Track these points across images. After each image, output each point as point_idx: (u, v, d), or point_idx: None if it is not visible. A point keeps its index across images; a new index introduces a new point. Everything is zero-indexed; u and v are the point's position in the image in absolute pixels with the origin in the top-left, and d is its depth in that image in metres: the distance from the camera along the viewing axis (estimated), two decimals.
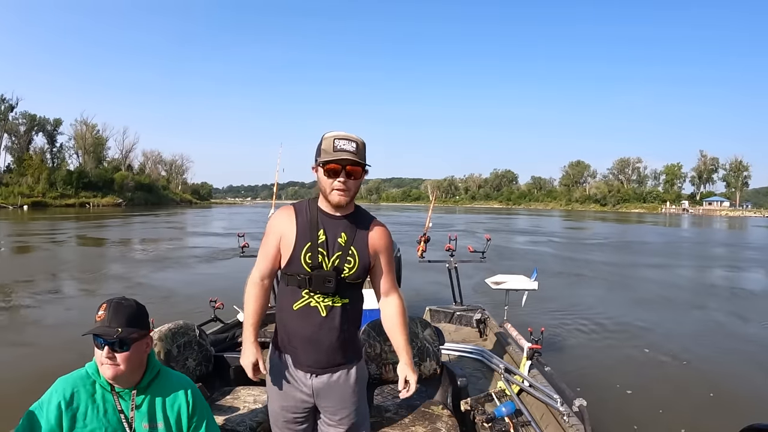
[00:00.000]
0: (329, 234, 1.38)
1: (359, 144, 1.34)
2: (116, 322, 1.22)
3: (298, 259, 1.35)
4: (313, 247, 1.36)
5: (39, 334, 5.43)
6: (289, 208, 1.44)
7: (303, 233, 1.37)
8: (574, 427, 1.99)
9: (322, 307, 1.38)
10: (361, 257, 1.40)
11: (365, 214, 1.47)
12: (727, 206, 76.67)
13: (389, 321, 1.51)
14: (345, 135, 1.33)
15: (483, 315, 3.92)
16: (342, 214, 1.41)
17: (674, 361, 4.77)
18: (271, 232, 1.43)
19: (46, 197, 53.05)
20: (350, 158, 1.30)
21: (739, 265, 13.34)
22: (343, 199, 1.35)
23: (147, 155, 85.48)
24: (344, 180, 1.33)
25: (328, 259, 1.37)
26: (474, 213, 56.13)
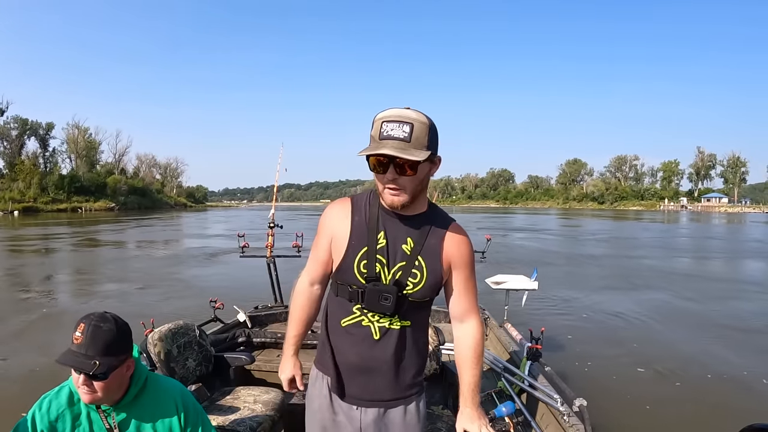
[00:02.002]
0: (391, 238, 1.11)
1: (415, 126, 0.99)
2: (93, 350, 1.11)
3: (351, 267, 1.10)
4: (370, 253, 1.09)
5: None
6: (344, 201, 1.18)
7: (359, 235, 1.11)
8: (574, 427, 1.99)
9: (375, 328, 1.12)
10: (430, 271, 1.11)
11: (441, 216, 1.17)
12: (725, 202, 76.95)
13: (461, 353, 1.19)
14: (396, 115, 1.00)
15: (483, 315, 3.92)
16: (410, 213, 1.12)
17: (676, 360, 4.77)
18: (322, 231, 1.18)
19: (37, 202, 52.31)
20: (387, 151, 0.97)
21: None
22: (398, 201, 1.05)
23: (141, 159, 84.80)
24: (393, 177, 1.03)
25: (387, 270, 1.10)
26: (471, 213, 56.16)
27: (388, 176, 1.03)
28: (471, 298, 1.19)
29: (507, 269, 4.54)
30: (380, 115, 1.03)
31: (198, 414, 1.33)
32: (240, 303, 3.80)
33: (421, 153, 0.99)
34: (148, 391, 1.27)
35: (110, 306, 6.53)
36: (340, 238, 1.14)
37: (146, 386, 1.27)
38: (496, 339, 3.48)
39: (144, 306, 6.68)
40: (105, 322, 1.16)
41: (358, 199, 1.17)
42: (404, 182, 1.04)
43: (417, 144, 1.00)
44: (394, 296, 1.08)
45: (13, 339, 5.33)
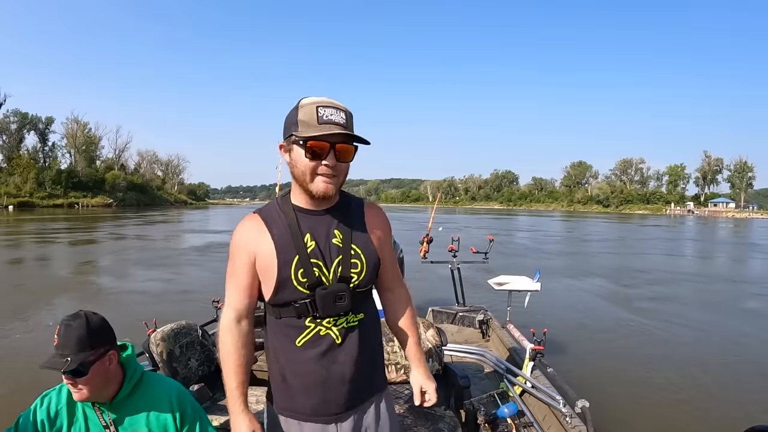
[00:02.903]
0: (318, 237, 1.05)
1: (348, 114, 1.00)
2: (67, 349, 1.13)
3: (289, 280, 1.01)
4: (303, 259, 1.02)
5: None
6: (253, 218, 1.07)
7: (284, 246, 1.02)
8: (576, 428, 1.99)
9: (335, 333, 1.04)
10: (367, 255, 1.08)
11: (352, 198, 1.15)
12: (732, 207, 76.27)
13: (397, 321, 1.22)
14: (330, 102, 0.99)
15: (485, 316, 3.92)
16: (326, 207, 1.08)
17: (678, 361, 4.75)
18: (237, 254, 1.05)
19: (33, 197, 51.96)
20: (342, 132, 0.96)
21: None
22: (331, 188, 1.01)
23: (142, 155, 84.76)
24: (333, 163, 0.99)
25: (327, 270, 1.04)
26: (474, 214, 56.04)
27: (329, 161, 0.99)
28: (396, 269, 1.22)
29: (509, 270, 4.53)
30: (309, 100, 0.99)
31: (196, 413, 1.31)
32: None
33: (361, 138, 1.01)
34: (143, 388, 1.27)
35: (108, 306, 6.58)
36: (264, 256, 1.03)
37: (141, 384, 1.27)
38: (499, 340, 3.48)
39: (140, 306, 6.72)
40: (75, 320, 1.17)
41: (267, 212, 1.08)
42: (341, 168, 1.02)
43: (351, 130, 1.01)
44: (348, 292, 1.04)
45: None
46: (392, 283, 1.21)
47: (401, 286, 1.23)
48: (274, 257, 1.02)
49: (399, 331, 1.23)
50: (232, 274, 1.08)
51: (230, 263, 1.08)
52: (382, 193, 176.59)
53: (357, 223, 1.11)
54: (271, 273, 1.02)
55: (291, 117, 1.01)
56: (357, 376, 1.07)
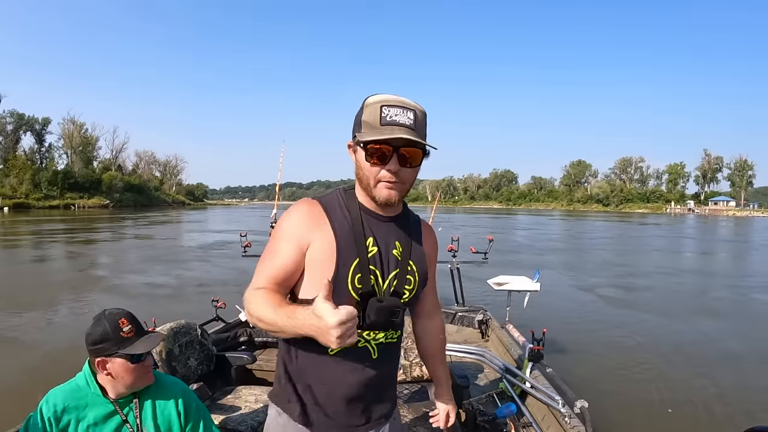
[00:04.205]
0: (382, 244, 0.97)
1: (417, 114, 0.90)
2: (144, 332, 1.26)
3: (345, 283, 0.92)
4: (362, 264, 0.94)
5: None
6: (313, 203, 0.98)
7: (347, 243, 0.94)
8: (575, 428, 1.99)
9: (373, 346, 0.97)
10: (420, 273, 1.03)
11: (413, 213, 1.10)
12: (733, 206, 76.29)
13: (431, 349, 1.19)
14: (398, 100, 0.90)
15: (485, 316, 3.92)
16: (393, 214, 1.01)
17: (678, 361, 4.76)
18: (285, 238, 0.94)
19: (29, 198, 51.71)
20: (407, 136, 0.87)
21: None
22: (395, 195, 0.93)
23: (140, 155, 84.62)
24: (396, 169, 0.90)
25: (382, 281, 0.97)
26: (473, 214, 56.08)
27: (391, 167, 0.90)
28: (436, 293, 1.18)
29: (507, 268, 4.53)
30: (375, 99, 0.90)
31: (200, 411, 1.35)
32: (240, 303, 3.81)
33: (428, 143, 0.92)
34: (155, 384, 1.31)
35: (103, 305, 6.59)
36: (321, 248, 0.93)
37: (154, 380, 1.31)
38: (498, 340, 3.48)
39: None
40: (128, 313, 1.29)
41: (330, 201, 0.99)
42: (406, 175, 0.93)
43: (421, 133, 0.91)
44: (403, 310, 0.99)
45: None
46: (432, 310, 1.18)
47: (439, 314, 1.20)
48: (333, 253, 0.92)
49: (432, 358, 1.21)
50: (271, 257, 0.94)
51: (272, 244, 0.95)
52: None
53: (416, 238, 1.05)
54: (325, 270, 0.91)
55: (357, 117, 0.93)
56: (386, 392, 1.05)
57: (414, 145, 0.90)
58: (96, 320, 1.24)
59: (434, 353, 1.20)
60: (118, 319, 1.23)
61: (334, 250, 0.93)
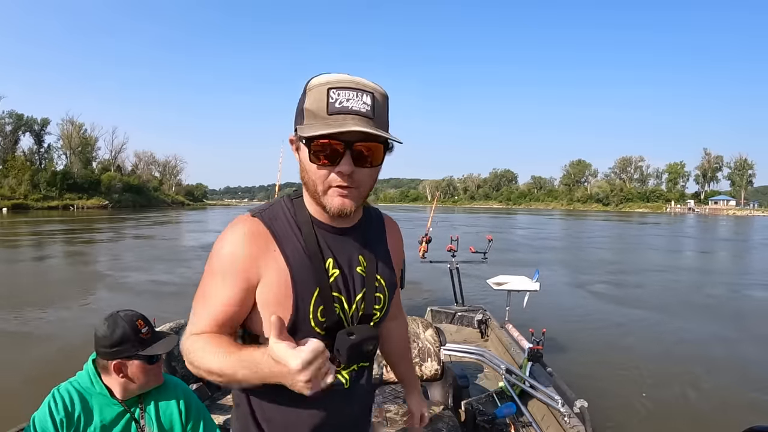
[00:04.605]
0: (342, 263, 0.81)
1: (378, 98, 0.72)
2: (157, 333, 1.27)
3: (306, 320, 0.76)
4: (324, 293, 0.78)
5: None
6: (255, 224, 0.78)
7: (303, 272, 0.76)
8: (575, 428, 1.99)
9: (344, 376, 0.84)
10: (389, 287, 0.87)
11: (372, 210, 0.92)
12: (733, 205, 76.30)
13: (397, 349, 1.09)
14: (351, 81, 0.70)
15: (484, 316, 3.93)
16: (351, 223, 0.84)
17: (679, 360, 4.76)
18: (227, 275, 0.76)
19: (27, 199, 51.10)
20: (362, 129, 0.68)
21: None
22: (349, 204, 0.74)
23: (139, 156, 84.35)
24: (350, 170, 0.71)
25: (349, 306, 0.81)
26: (473, 213, 56.09)
27: (343, 168, 0.71)
28: (399, 293, 1.04)
29: (506, 266, 4.53)
30: (320, 80, 0.71)
31: (200, 411, 1.36)
32: None
33: (390, 135, 0.73)
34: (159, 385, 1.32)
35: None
36: (273, 285, 0.76)
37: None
38: (497, 340, 3.48)
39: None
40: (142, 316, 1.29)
41: (275, 218, 0.79)
42: (363, 177, 0.74)
43: (381, 122, 0.72)
44: (377, 339, 0.82)
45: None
46: (395, 311, 1.04)
47: (402, 312, 1.10)
48: (289, 288, 0.75)
49: (399, 360, 1.11)
50: (210, 297, 0.76)
51: (209, 281, 0.77)
52: (381, 192, 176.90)
53: (381, 245, 0.89)
54: (281, 308, 0.75)
55: (299, 104, 0.74)
56: (362, 421, 0.93)
57: (373, 138, 0.70)
58: (111, 322, 1.20)
59: (401, 354, 1.11)
60: (136, 320, 1.22)
61: (289, 285, 0.75)
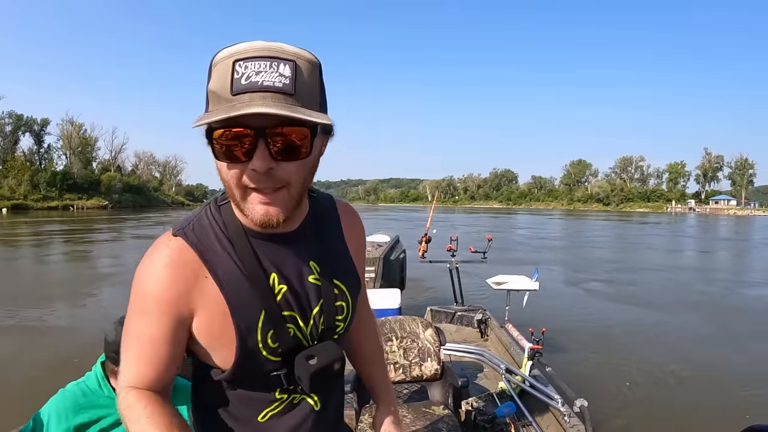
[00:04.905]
0: (289, 275, 0.67)
1: (302, 68, 0.55)
2: None
3: (256, 350, 0.65)
4: (272, 315, 0.65)
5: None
6: (179, 249, 0.63)
7: (241, 298, 0.63)
8: (575, 427, 1.99)
9: (313, 399, 0.73)
10: (352, 291, 0.74)
11: (321, 200, 0.76)
12: (734, 205, 76.33)
13: (364, 352, 0.93)
14: (263, 48, 0.54)
15: (484, 315, 3.93)
16: (294, 226, 0.68)
17: (679, 359, 4.75)
18: (152, 314, 0.63)
19: (27, 199, 51.32)
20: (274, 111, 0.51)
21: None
22: (275, 213, 0.59)
23: (139, 156, 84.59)
24: (267, 166, 0.56)
25: (306, 324, 0.68)
26: (473, 213, 56.12)
27: (257, 165, 0.55)
28: (365, 290, 0.87)
29: (508, 268, 4.53)
30: (228, 51, 0.55)
31: None
32: None
33: (317, 114, 0.55)
34: None
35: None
36: (207, 317, 0.63)
37: None
38: (497, 339, 3.49)
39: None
40: None
41: (201, 237, 0.64)
42: (289, 173, 0.57)
43: (308, 99, 0.55)
44: (343, 358, 0.71)
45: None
46: (362, 313, 0.86)
47: (370, 313, 0.94)
48: (228, 318, 0.63)
49: (366, 364, 0.94)
50: (138, 341, 0.64)
51: (134, 321, 0.64)
52: (382, 193, 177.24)
53: (337, 243, 0.75)
54: (223, 342, 0.64)
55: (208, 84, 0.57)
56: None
57: (294, 122, 0.54)
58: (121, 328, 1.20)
59: (369, 357, 0.94)
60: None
61: (228, 316, 0.62)
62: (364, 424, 1.89)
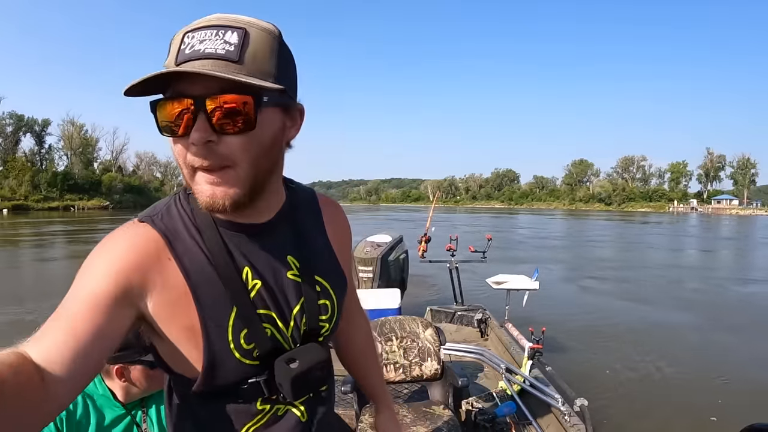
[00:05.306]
0: (264, 270, 0.62)
1: (251, 35, 0.52)
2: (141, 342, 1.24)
3: (226, 352, 0.58)
4: (245, 313, 0.59)
5: None
6: (144, 232, 0.57)
7: (210, 293, 0.58)
8: (575, 426, 1.99)
9: (299, 409, 0.67)
10: (337, 288, 0.69)
11: (300, 192, 0.71)
12: (736, 204, 76.16)
13: (356, 356, 0.90)
14: (215, 19, 0.52)
15: (484, 315, 3.93)
16: (269, 216, 0.63)
17: (679, 359, 4.74)
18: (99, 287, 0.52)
19: (28, 200, 51.27)
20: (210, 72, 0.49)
21: None
22: (220, 194, 0.53)
23: (141, 156, 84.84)
24: (205, 138, 0.51)
25: (286, 325, 0.63)
26: (474, 213, 56.09)
27: (194, 137, 0.50)
28: (355, 290, 0.85)
29: (508, 267, 4.53)
30: (185, 28, 0.53)
31: None
32: None
33: (261, 81, 0.51)
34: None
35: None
36: (166, 313, 0.56)
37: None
38: (497, 339, 3.49)
39: None
40: None
41: (170, 224, 0.59)
42: (234, 149, 0.52)
43: (256, 67, 0.51)
44: (328, 362, 0.66)
45: None
46: (351, 311, 0.83)
47: (360, 312, 0.89)
48: (192, 310, 0.56)
49: (359, 368, 0.91)
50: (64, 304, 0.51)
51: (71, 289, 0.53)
52: (383, 193, 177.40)
53: (319, 237, 0.70)
54: (187, 338, 0.57)
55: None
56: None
57: (234, 89, 0.50)
58: None
59: (362, 361, 0.90)
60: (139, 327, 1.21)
61: (192, 307, 0.56)
62: (364, 424, 1.88)
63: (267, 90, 0.52)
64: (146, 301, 0.56)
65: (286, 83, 0.55)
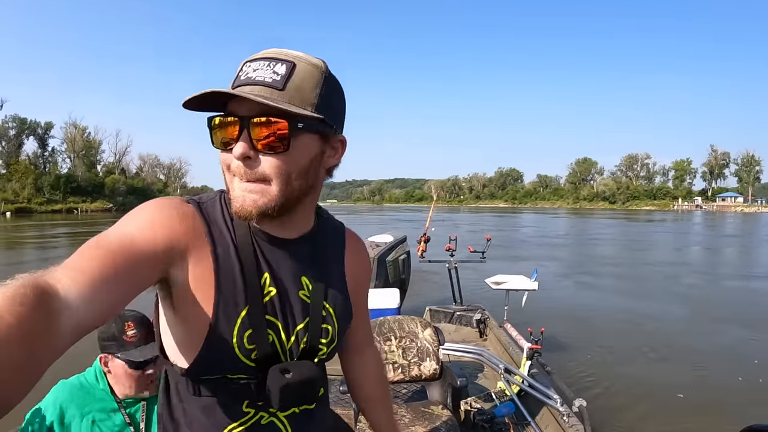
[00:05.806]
0: (281, 282, 0.66)
1: (299, 68, 0.58)
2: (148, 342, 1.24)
3: (228, 343, 0.60)
4: (255, 315, 0.62)
5: None
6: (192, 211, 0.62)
7: (229, 282, 0.61)
8: (573, 427, 1.99)
9: (282, 421, 0.68)
10: (340, 318, 0.72)
11: (330, 223, 0.76)
12: (741, 202, 75.59)
13: (366, 391, 0.91)
14: (272, 52, 0.59)
15: (483, 315, 3.93)
16: (297, 233, 0.68)
17: (678, 359, 4.72)
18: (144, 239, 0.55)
19: (31, 203, 51.34)
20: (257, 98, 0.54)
21: None
22: (251, 203, 0.58)
23: (144, 158, 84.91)
24: (244, 153, 0.56)
25: (287, 338, 0.66)
26: (478, 213, 55.97)
27: (236, 151, 0.56)
28: (368, 323, 0.90)
29: (508, 266, 4.53)
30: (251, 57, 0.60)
31: None
32: None
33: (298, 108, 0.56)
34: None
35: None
36: (193, 276, 0.59)
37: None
38: (496, 339, 3.49)
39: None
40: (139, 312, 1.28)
41: (212, 208, 0.64)
42: (268, 167, 0.57)
43: (298, 96, 0.57)
44: (321, 380, 0.69)
45: None
46: (362, 345, 0.87)
47: (371, 346, 0.91)
48: (210, 293, 0.60)
49: (368, 404, 0.92)
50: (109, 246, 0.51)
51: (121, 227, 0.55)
52: (386, 193, 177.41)
53: (335, 267, 0.73)
54: (196, 326, 0.60)
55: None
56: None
57: (273, 113, 0.55)
58: (113, 318, 1.25)
59: (371, 397, 0.91)
60: (126, 321, 1.25)
61: (211, 293, 0.60)
62: (363, 424, 1.89)
63: (303, 117, 0.57)
64: (177, 268, 0.59)
65: (327, 113, 0.61)
